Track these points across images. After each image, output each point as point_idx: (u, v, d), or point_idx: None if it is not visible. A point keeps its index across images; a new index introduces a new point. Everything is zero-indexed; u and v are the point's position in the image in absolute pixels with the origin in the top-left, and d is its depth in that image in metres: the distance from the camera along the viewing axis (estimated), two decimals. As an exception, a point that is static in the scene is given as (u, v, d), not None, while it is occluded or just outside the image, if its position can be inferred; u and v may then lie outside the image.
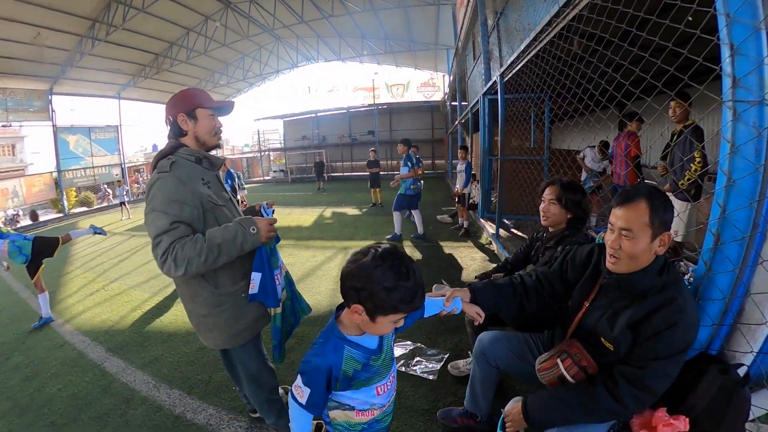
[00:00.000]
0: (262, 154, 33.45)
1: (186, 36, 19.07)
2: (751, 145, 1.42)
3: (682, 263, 2.66)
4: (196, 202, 1.74)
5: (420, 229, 7.38)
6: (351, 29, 20.38)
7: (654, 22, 2.19)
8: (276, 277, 2.01)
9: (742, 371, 1.52)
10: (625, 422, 1.52)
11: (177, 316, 4.71)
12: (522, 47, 4.21)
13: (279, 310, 2.08)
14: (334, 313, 1.36)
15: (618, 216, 1.47)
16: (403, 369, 3.11)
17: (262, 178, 32.33)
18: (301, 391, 1.27)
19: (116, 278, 6.72)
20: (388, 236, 7.56)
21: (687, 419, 1.38)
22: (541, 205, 2.43)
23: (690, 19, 1.88)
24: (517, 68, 4.84)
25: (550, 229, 2.47)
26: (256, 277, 1.94)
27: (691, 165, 3.86)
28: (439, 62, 24.64)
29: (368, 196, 13.05)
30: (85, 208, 22.59)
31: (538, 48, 3.95)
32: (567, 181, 2.37)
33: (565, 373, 1.59)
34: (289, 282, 2.28)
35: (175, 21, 17.48)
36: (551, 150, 6.70)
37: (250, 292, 1.95)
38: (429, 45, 21.29)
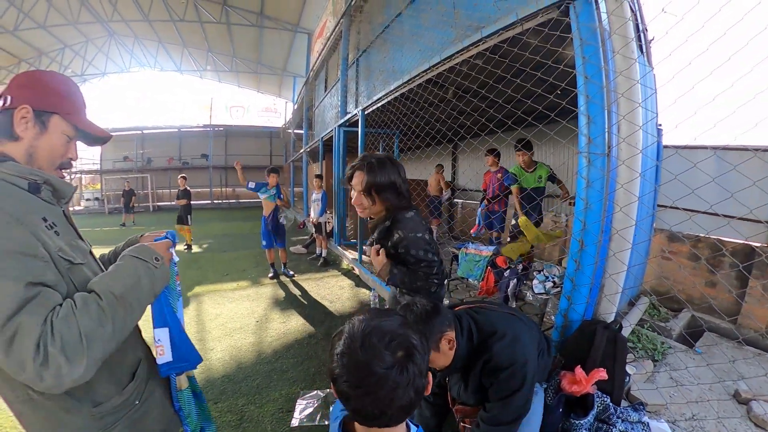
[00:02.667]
0: (72, 177, 27.42)
1: None
2: (599, 182, 2.23)
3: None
4: (45, 256, 0.99)
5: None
6: (198, 40, 19.31)
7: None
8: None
9: (616, 325, 2.30)
10: (556, 385, 2.12)
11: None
12: (392, 87, 4.84)
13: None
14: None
15: None
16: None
17: (72, 208, 26.99)
18: None
19: None
20: (271, 275, 6.84)
21: (602, 369, 2.05)
22: (352, 195, 2.08)
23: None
24: (380, 105, 5.52)
25: (369, 220, 2.17)
26: (162, 337, 1.35)
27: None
28: (283, 88, 24.95)
29: (208, 228, 11.90)
30: None
31: (404, 90, 4.69)
32: (377, 159, 2.00)
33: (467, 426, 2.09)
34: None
35: None
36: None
37: (161, 361, 1.35)
38: (276, 70, 21.53)
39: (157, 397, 1.34)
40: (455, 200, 10.02)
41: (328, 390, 3.15)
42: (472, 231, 6.82)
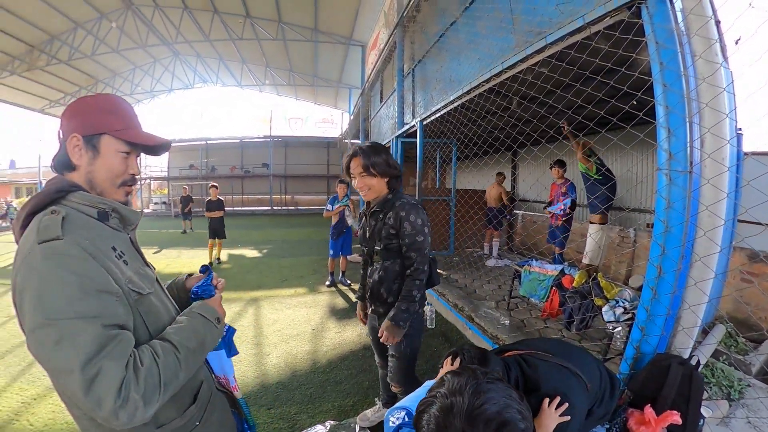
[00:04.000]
0: (142, 182, 29.24)
1: (73, 32, 16.59)
2: (680, 203, 1.95)
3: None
4: (117, 290, 1.01)
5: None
6: (257, 56, 20.13)
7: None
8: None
9: (693, 361, 2.04)
10: (622, 424, 1.89)
11: (56, 412, 3.15)
12: (451, 97, 4.67)
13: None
14: None
15: None
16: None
17: (140, 211, 28.92)
18: None
19: None
20: (328, 282, 6.95)
21: (675, 412, 1.81)
22: (355, 183, 2.30)
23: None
24: (439, 115, 5.34)
25: (372, 203, 2.39)
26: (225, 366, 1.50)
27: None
28: (339, 100, 25.40)
29: (268, 234, 12.19)
30: None
31: (464, 99, 4.49)
32: (366, 146, 2.28)
33: None
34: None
35: (63, 10, 15.00)
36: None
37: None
38: (332, 82, 21.90)
39: (215, 419, 1.36)
40: (515, 211, 9.55)
41: (332, 422, 3.00)
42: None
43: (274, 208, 26.41)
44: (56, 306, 0.90)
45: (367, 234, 2.43)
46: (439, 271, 6.49)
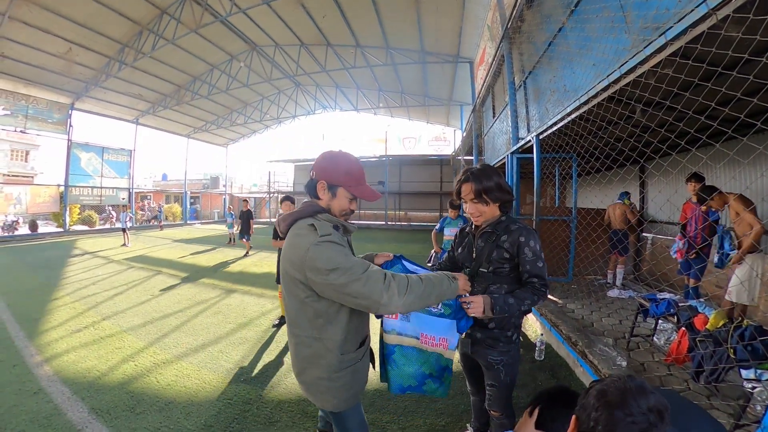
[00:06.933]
0: (271, 195, 33.60)
1: (210, 72, 19.81)
2: None
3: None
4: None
5: None
6: (369, 82, 20.99)
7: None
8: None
9: None
10: None
11: (178, 377, 3.92)
12: (568, 109, 4.19)
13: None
14: None
15: None
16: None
17: (268, 220, 32.48)
18: None
19: (109, 315, 5.89)
20: None
21: None
22: (466, 207, 2.23)
23: None
24: (555, 128, 4.82)
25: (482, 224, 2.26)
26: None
27: None
28: (451, 118, 25.29)
29: (382, 247, 12.81)
30: (86, 227, 22.56)
31: (582, 111, 3.98)
32: (477, 170, 2.18)
33: None
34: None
35: (202, 56, 18.16)
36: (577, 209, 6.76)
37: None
38: (443, 100, 21.90)
39: (366, 361, 2.04)
40: (643, 234, 8.07)
41: None
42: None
43: (389, 223, 27.24)
44: (334, 260, 1.61)
45: (474, 254, 2.25)
46: (554, 298, 5.98)
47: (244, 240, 12.80)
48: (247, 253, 12.70)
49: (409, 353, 2.19)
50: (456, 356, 2.21)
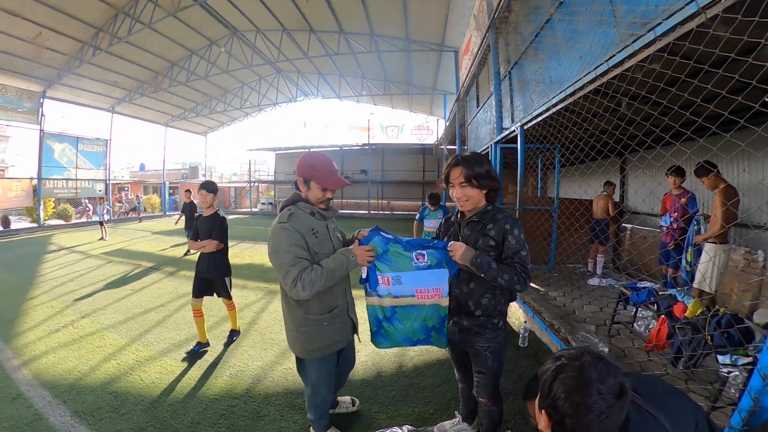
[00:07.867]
0: (252, 185, 33.34)
1: (189, 58, 19.08)
2: None
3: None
4: (305, 246, 2.26)
5: None
6: (352, 69, 20.71)
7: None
8: (382, 278, 2.33)
9: None
10: None
11: (162, 374, 3.86)
12: (553, 100, 4.22)
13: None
14: None
15: None
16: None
17: (249, 210, 32.24)
18: None
19: (88, 313, 5.70)
20: None
21: None
22: (452, 192, 2.24)
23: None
24: (540, 119, 4.87)
25: (468, 213, 2.29)
26: (366, 270, 2.33)
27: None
28: (435, 106, 25.39)
29: None
30: (61, 221, 21.64)
31: (567, 102, 4.03)
32: (468, 155, 2.22)
33: None
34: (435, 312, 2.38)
35: (180, 41, 17.63)
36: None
37: (362, 276, 2.36)
38: (426, 89, 21.86)
39: (334, 328, 2.49)
40: (623, 224, 8.16)
41: (409, 427, 2.96)
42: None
43: (371, 212, 27.32)
44: (279, 246, 2.20)
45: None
46: (536, 286, 6.05)
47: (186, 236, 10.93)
48: (188, 251, 11.16)
49: (408, 311, 2.36)
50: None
